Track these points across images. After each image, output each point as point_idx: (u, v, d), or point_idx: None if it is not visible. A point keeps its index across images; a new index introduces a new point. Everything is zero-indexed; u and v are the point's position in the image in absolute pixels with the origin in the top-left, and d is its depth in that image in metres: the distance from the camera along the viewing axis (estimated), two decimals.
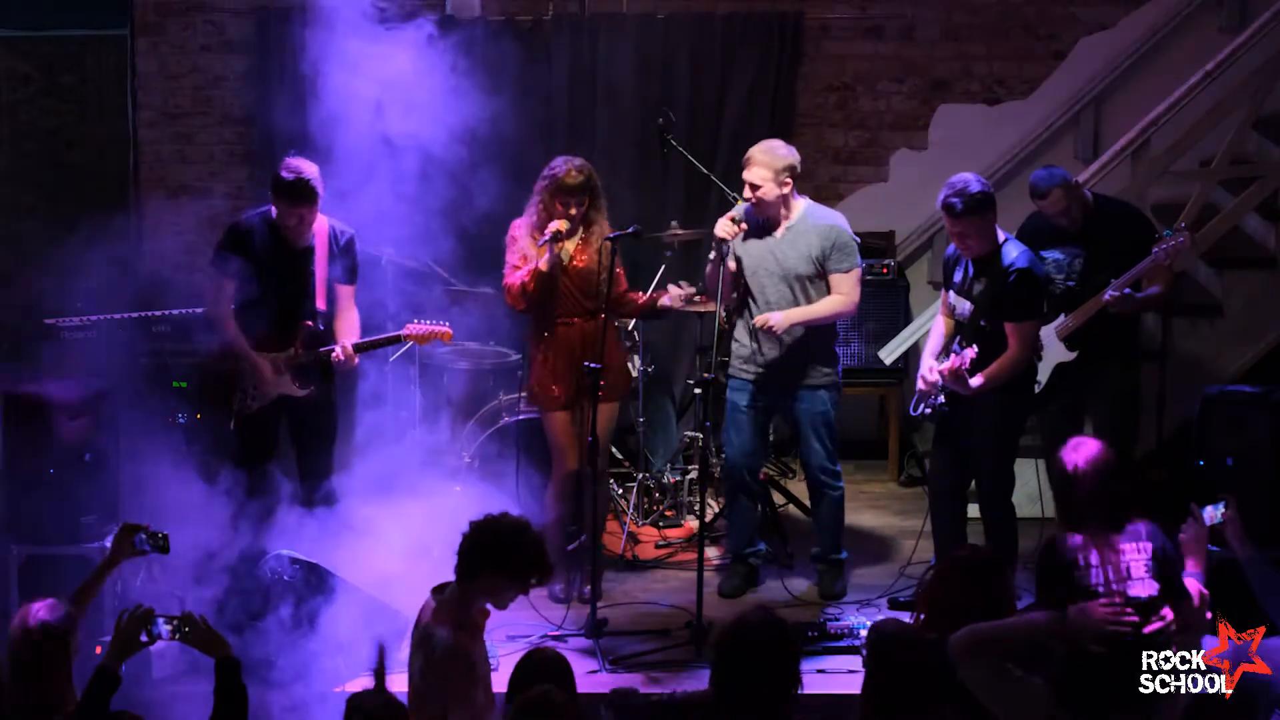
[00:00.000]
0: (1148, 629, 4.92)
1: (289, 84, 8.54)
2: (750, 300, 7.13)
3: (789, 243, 7.04)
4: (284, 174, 6.92)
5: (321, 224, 7.07)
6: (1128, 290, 7.07)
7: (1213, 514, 5.31)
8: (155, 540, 5.29)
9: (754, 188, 6.97)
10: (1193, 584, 5.12)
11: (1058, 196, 7.14)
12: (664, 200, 8.92)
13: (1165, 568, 5.07)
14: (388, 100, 7.80)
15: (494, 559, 5.04)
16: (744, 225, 6.99)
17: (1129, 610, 4.91)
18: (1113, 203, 7.47)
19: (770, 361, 7.11)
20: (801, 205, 7.10)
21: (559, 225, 6.92)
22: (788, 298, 7.03)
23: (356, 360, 7.10)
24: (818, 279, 7.04)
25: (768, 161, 6.96)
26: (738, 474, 7.29)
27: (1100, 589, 5.00)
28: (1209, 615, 5.06)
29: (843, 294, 7.03)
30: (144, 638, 4.80)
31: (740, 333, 7.21)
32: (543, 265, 6.92)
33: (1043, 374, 7.19)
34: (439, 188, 8.17)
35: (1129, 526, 5.13)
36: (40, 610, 4.83)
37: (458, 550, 5.09)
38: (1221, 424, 7.01)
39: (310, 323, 7.08)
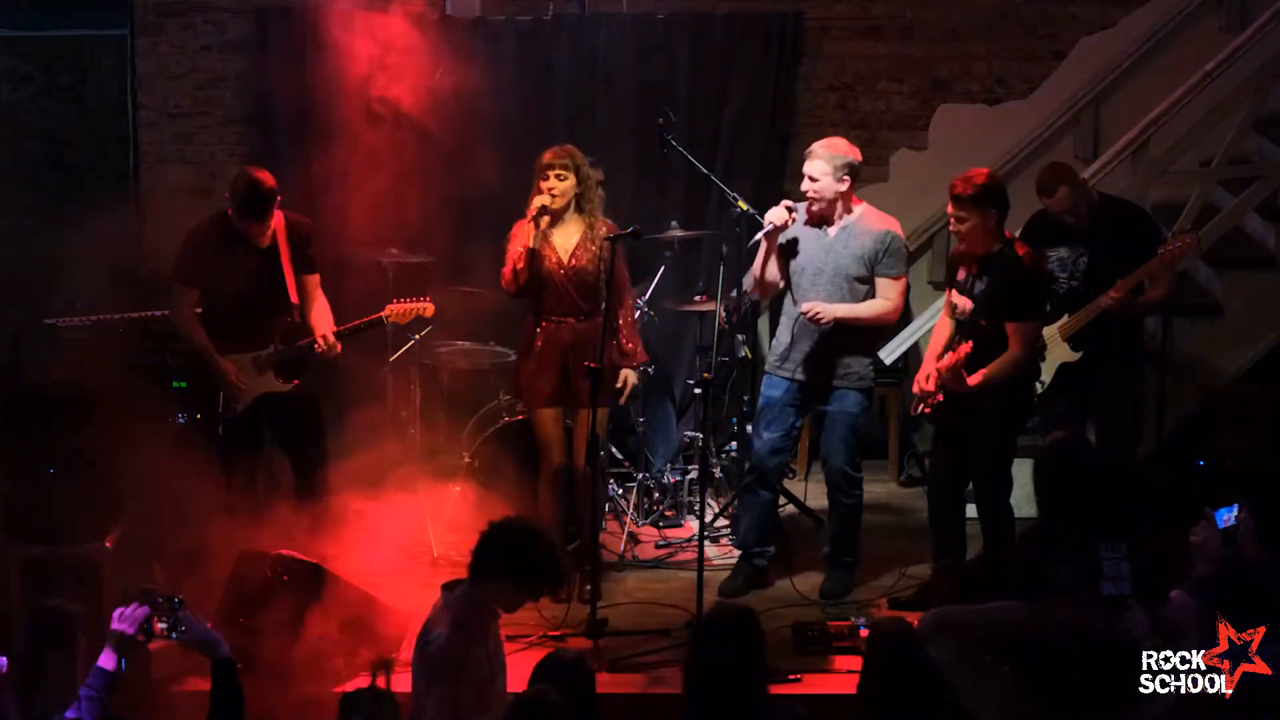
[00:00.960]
0: (1116, 625, 4.88)
1: (289, 83, 8.54)
2: (791, 296, 7.11)
3: (842, 241, 7.00)
4: (241, 184, 6.90)
5: (278, 218, 7.05)
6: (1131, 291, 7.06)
7: (1227, 517, 5.28)
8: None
9: (812, 180, 6.96)
10: (1176, 594, 5.08)
11: (1064, 193, 7.13)
12: (664, 200, 8.91)
13: (1142, 569, 5.03)
14: (387, 99, 7.82)
15: (507, 563, 5.03)
16: (795, 215, 6.95)
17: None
18: (1118, 202, 7.47)
19: (807, 358, 7.07)
20: (859, 207, 7.07)
21: (541, 200, 6.95)
22: (834, 295, 6.99)
23: (340, 347, 7.12)
24: (866, 281, 7.00)
25: (828, 157, 6.95)
26: (762, 470, 7.26)
27: (1073, 586, 4.97)
28: (1191, 625, 5.00)
29: (888, 300, 6.99)
30: (140, 636, 4.80)
31: (781, 329, 7.18)
32: (529, 241, 6.94)
33: (1046, 374, 7.19)
34: (438, 184, 8.19)
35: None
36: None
37: (472, 550, 5.08)
38: (1222, 424, 7.02)
39: (288, 318, 7.09)
